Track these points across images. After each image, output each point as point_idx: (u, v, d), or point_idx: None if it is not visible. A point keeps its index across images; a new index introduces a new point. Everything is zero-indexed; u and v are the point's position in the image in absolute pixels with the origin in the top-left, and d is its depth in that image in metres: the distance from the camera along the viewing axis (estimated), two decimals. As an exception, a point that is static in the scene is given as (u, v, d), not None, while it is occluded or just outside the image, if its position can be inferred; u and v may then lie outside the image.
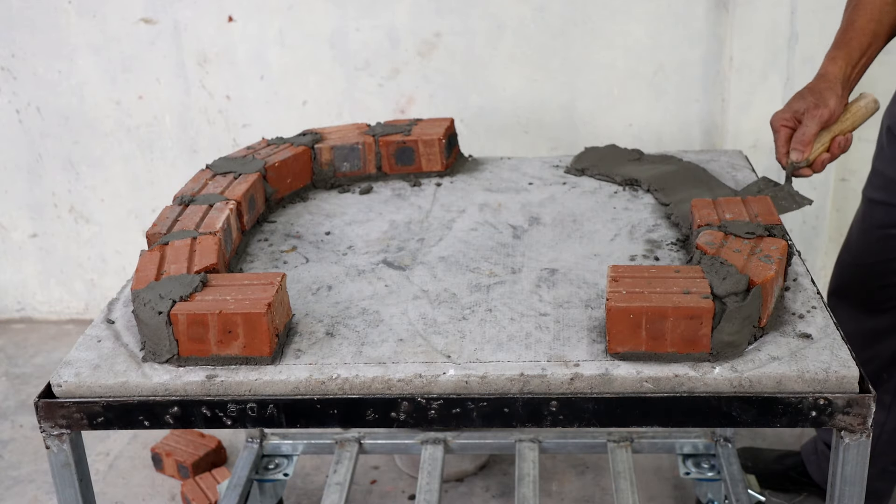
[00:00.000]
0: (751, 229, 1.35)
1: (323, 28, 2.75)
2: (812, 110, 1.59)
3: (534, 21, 2.68)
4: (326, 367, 1.21)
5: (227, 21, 2.77)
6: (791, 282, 1.37)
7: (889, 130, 1.83)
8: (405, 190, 1.82)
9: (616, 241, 1.56)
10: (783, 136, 1.62)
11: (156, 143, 2.95)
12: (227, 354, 1.22)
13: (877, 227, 1.90)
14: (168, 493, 2.39)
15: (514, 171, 1.90)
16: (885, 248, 1.89)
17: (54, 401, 1.21)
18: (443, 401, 1.18)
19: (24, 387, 2.89)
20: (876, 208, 1.89)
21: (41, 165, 3.01)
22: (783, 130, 1.62)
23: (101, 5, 2.78)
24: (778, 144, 1.62)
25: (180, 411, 1.20)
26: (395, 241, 1.59)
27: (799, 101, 1.62)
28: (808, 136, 1.59)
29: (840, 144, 1.61)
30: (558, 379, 1.18)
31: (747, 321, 1.19)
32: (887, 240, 1.88)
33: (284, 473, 2.13)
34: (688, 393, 1.17)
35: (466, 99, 2.79)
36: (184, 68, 2.83)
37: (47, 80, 2.89)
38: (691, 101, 2.73)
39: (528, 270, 1.46)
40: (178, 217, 1.51)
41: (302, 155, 1.81)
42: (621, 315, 1.17)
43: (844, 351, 1.20)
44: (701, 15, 2.64)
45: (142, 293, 1.25)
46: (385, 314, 1.34)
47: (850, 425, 1.15)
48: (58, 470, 1.25)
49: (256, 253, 1.57)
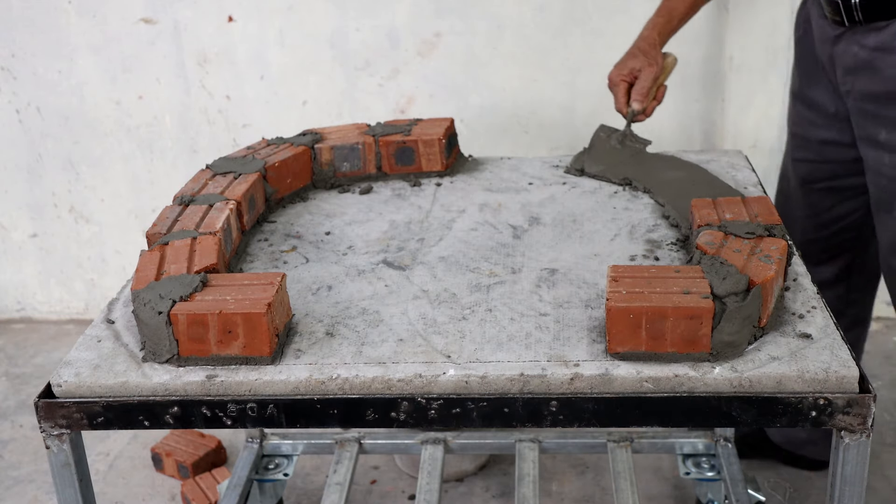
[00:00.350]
0: (751, 229, 1.35)
1: (323, 28, 2.75)
2: (647, 68, 1.93)
3: (534, 21, 2.68)
4: (326, 367, 1.21)
5: (227, 21, 2.77)
6: (791, 282, 1.37)
7: (793, 93, 2.05)
8: (405, 190, 1.82)
9: (616, 241, 1.56)
10: (622, 89, 1.93)
11: (156, 143, 2.95)
12: (227, 354, 1.22)
13: (803, 184, 2.06)
14: (168, 493, 2.39)
15: (514, 171, 1.91)
16: (813, 203, 2.06)
17: (54, 401, 1.21)
18: (443, 401, 1.18)
19: (24, 387, 2.89)
20: (799, 166, 2.07)
21: (41, 165, 3.01)
22: (622, 84, 1.94)
23: (101, 5, 2.78)
24: (618, 97, 1.94)
25: (180, 411, 1.20)
26: (395, 241, 1.59)
27: (632, 59, 1.95)
28: (646, 89, 1.92)
29: (663, 93, 1.96)
30: (558, 379, 1.18)
31: (747, 321, 1.19)
32: (813, 194, 2.05)
33: (284, 473, 2.13)
34: (688, 393, 1.17)
35: (466, 99, 2.79)
36: (184, 68, 2.83)
37: (47, 80, 2.89)
38: (691, 101, 2.73)
39: (528, 270, 1.46)
40: (178, 217, 1.51)
41: (302, 155, 1.81)
42: (621, 315, 1.17)
43: (844, 351, 1.20)
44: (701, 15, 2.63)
45: (142, 293, 1.25)
46: (385, 314, 1.34)
47: (850, 425, 1.16)
48: (58, 470, 1.25)
49: (256, 253, 1.58)
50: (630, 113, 1.92)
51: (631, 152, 1.89)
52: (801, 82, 2.00)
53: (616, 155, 1.88)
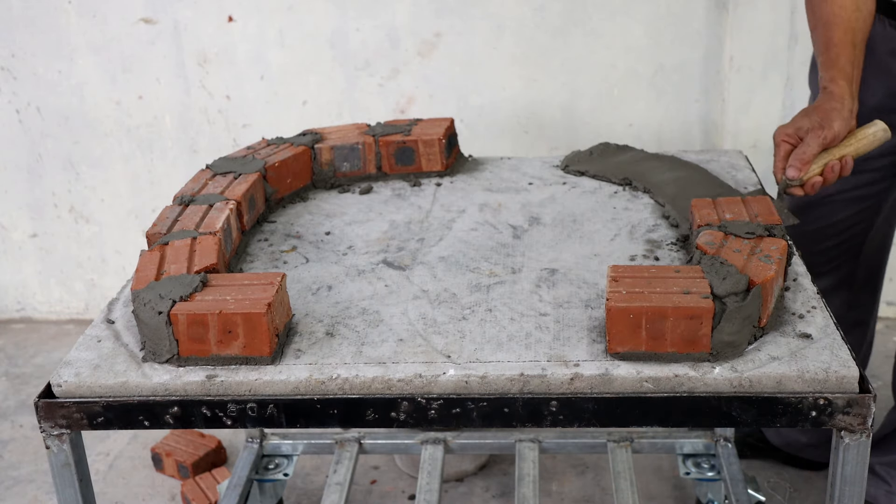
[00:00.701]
0: (751, 229, 1.35)
1: (323, 28, 2.75)
2: (816, 130, 1.59)
3: (534, 21, 2.68)
4: (326, 367, 1.21)
5: (227, 21, 2.77)
6: (791, 282, 1.37)
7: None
8: (405, 190, 1.82)
9: (616, 241, 1.56)
10: (783, 151, 1.62)
11: (156, 143, 2.95)
12: (227, 354, 1.22)
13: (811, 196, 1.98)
14: (168, 493, 2.39)
15: (514, 171, 1.90)
16: (820, 215, 2.01)
17: (54, 401, 1.21)
18: (443, 401, 1.18)
19: (24, 387, 2.89)
20: None
21: (41, 165, 3.01)
22: (783, 145, 1.62)
23: (101, 5, 2.78)
24: (777, 159, 1.63)
25: (180, 411, 1.20)
26: (395, 241, 1.59)
27: (804, 118, 1.61)
28: (808, 156, 1.58)
29: (833, 169, 1.59)
30: (558, 379, 1.18)
31: (747, 321, 1.19)
32: (820, 206, 1.99)
33: (284, 473, 2.13)
34: (688, 393, 1.17)
35: (466, 99, 2.79)
36: (184, 68, 2.83)
37: (47, 80, 2.89)
38: (691, 101, 2.73)
39: (528, 270, 1.46)
40: (178, 217, 1.51)
41: (302, 155, 1.81)
42: (621, 315, 1.17)
43: (844, 351, 1.20)
44: (701, 15, 2.64)
45: (142, 293, 1.25)
46: (385, 314, 1.34)
47: (850, 425, 1.15)
48: (58, 470, 1.25)
49: (256, 253, 1.57)
50: (783, 183, 1.60)
51: None
52: None
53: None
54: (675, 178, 1.77)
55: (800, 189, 1.60)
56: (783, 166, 1.61)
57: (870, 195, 1.98)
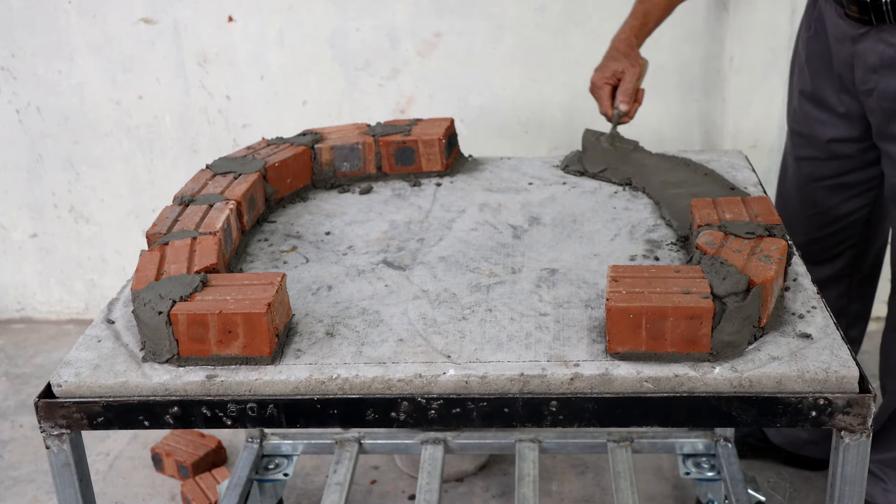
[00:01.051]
0: (751, 229, 1.35)
1: (323, 28, 2.75)
2: (630, 69, 1.94)
3: (534, 21, 2.68)
4: (326, 367, 1.21)
5: (227, 21, 2.77)
6: (791, 282, 1.37)
7: (801, 93, 2.02)
8: (405, 190, 1.82)
9: (616, 241, 1.56)
10: (606, 91, 1.95)
11: (156, 143, 2.95)
12: (227, 354, 1.22)
13: (809, 182, 2.07)
14: (168, 493, 2.39)
15: (514, 171, 1.90)
16: (819, 201, 2.06)
17: (54, 401, 1.21)
18: (443, 401, 1.18)
19: (24, 387, 2.89)
20: (804, 165, 2.07)
21: (41, 165, 3.01)
22: (606, 87, 1.95)
23: (101, 5, 2.78)
24: (602, 100, 1.95)
25: (180, 411, 1.20)
26: (395, 241, 1.59)
27: (614, 62, 1.96)
28: (632, 90, 1.94)
29: (642, 96, 1.97)
30: (558, 379, 1.18)
31: (747, 321, 1.19)
32: (820, 191, 2.05)
33: (284, 473, 2.13)
34: (688, 393, 1.17)
35: (466, 99, 2.79)
36: (184, 68, 2.83)
37: (47, 80, 2.89)
38: (691, 101, 2.73)
39: (528, 270, 1.46)
40: (178, 217, 1.51)
41: (302, 155, 1.81)
42: (621, 315, 1.17)
43: (844, 351, 1.20)
44: (701, 15, 2.64)
45: (142, 293, 1.25)
46: (385, 314, 1.34)
47: (850, 425, 1.16)
48: (58, 470, 1.25)
49: (256, 253, 1.58)
50: (616, 114, 1.94)
51: (622, 152, 1.89)
52: (812, 82, 1.99)
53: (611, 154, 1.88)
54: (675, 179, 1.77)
55: (627, 117, 1.94)
56: (610, 104, 1.95)
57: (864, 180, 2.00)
